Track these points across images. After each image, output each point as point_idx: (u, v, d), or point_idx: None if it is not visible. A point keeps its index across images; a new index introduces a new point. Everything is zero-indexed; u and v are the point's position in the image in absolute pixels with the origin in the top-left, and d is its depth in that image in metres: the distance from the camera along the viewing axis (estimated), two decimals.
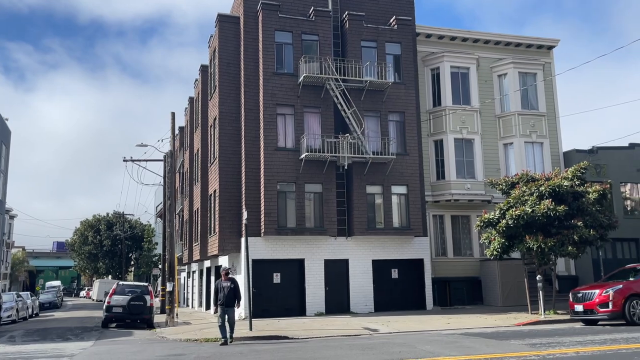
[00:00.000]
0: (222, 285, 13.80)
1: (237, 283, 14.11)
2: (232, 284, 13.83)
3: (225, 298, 13.60)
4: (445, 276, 24.72)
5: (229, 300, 13.66)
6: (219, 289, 13.86)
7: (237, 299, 13.88)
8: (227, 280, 13.95)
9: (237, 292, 13.89)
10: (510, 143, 26.62)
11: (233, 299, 13.75)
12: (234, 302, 13.77)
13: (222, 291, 13.72)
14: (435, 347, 11.53)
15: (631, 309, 14.98)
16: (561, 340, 12.08)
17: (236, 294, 13.83)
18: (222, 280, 13.98)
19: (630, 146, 28.72)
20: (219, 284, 14.00)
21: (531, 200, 18.70)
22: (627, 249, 27.83)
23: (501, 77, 27.22)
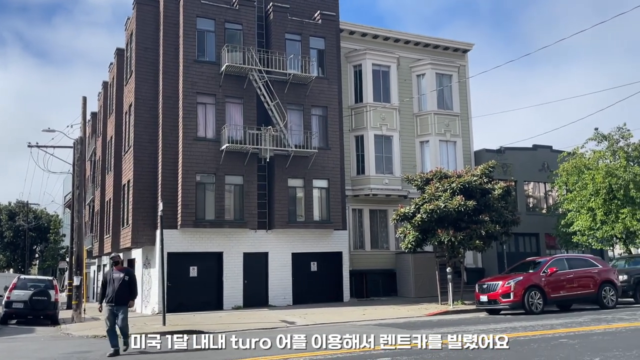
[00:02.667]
0: (113, 277, 10.87)
1: (132, 275, 11.22)
2: (126, 275, 10.93)
3: (115, 293, 10.73)
4: (363, 269, 25.32)
5: (121, 297, 10.79)
6: (107, 281, 10.97)
7: (132, 296, 11.16)
8: (120, 270, 11.04)
9: (133, 287, 11.11)
10: (427, 141, 27.67)
11: (126, 295, 10.91)
12: (127, 299, 10.96)
13: (111, 284, 10.82)
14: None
15: (530, 299, 16.12)
16: (467, 328, 12.76)
17: (131, 289, 11.04)
18: (113, 270, 11.07)
19: (533, 147, 30.82)
20: (108, 275, 11.09)
21: (444, 196, 19.57)
22: (528, 243, 29.91)
23: (419, 77, 28.20)
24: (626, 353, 8.62)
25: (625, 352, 8.67)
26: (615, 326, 12.18)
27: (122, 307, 10.83)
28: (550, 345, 9.84)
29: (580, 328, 12.02)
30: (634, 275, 19.30)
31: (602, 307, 16.91)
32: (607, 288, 17.22)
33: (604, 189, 23.27)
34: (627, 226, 22.68)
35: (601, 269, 17.65)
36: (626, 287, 18.75)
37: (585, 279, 17.10)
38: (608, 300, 17.11)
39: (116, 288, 10.74)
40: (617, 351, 8.83)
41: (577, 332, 11.43)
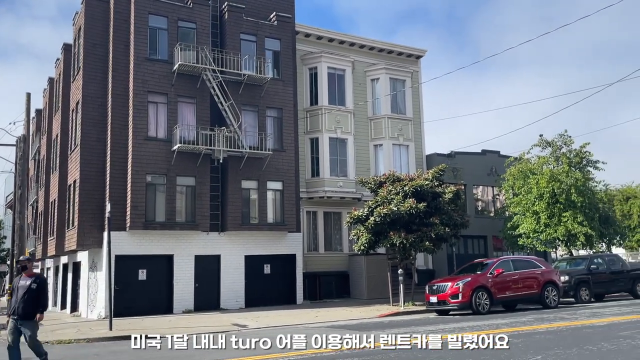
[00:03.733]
0: (18, 285, 8.79)
1: (43, 282, 8.98)
2: (33, 283, 8.72)
3: (19, 304, 8.59)
4: (316, 271, 25.37)
5: (26, 309, 8.59)
6: (13, 289, 9.09)
7: (41, 307, 8.78)
8: (28, 277, 8.85)
9: (42, 297, 8.82)
10: (380, 144, 28.04)
11: (34, 306, 8.66)
12: (33, 312, 8.66)
13: (15, 293, 8.76)
14: None
15: (477, 299, 16.59)
16: (416, 329, 12.97)
17: (39, 300, 8.75)
18: (21, 277, 8.97)
19: (482, 152, 31.78)
20: (15, 282, 8.99)
21: (397, 199, 19.87)
22: (476, 245, 30.78)
23: (374, 81, 28.56)
24: (566, 351, 8.98)
25: (565, 351, 9.03)
26: (557, 325, 12.68)
27: (28, 322, 8.61)
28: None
29: (524, 327, 12.44)
30: (574, 276, 20.21)
31: (545, 307, 17.58)
32: (549, 288, 17.93)
33: (547, 193, 24.25)
34: (569, 229, 23.71)
35: (544, 270, 18.36)
36: (567, 288, 19.61)
37: (530, 280, 17.74)
38: (550, 300, 17.82)
39: (19, 298, 8.61)
40: (558, 349, 9.19)
41: (521, 331, 11.82)
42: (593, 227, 23.94)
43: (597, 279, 20.55)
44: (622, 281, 21.20)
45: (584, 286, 20.12)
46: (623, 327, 11.70)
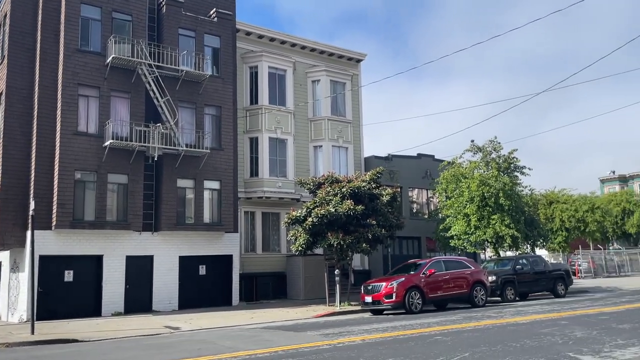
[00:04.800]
0: None
1: None
2: None
3: None
4: (254, 272, 25.14)
5: None
6: None
7: None
8: None
9: None
10: (320, 146, 28.20)
11: None
12: None
13: None
14: (236, 342, 11.59)
15: (410, 299, 17.02)
16: (351, 329, 13.13)
17: None
18: None
19: (418, 156, 32.67)
20: None
21: (335, 200, 20.05)
22: (411, 246, 31.59)
23: (315, 82, 28.70)
24: (492, 348, 9.36)
25: (491, 348, 9.41)
26: (484, 323, 13.21)
27: None
28: (427, 342, 10.41)
29: (454, 326, 12.88)
30: (501, 276, 21.18)
31: (473, 306, 18.30)
32: (478, 288, 18.69)
33: (478, 196, 25.25)
34: (497, 231, 24.79)
35: (473, 270, 19.11)
36: (494, 287, 20.52)
37: (460, 280, 18.41)
38: (479, 299, 18.58)
39: None
40: (484, 346, 9.56)
41: (451, 329, 12.22)
42: (519, 229, 25.16)
43: (522, 279, 21.64)
44: (545, 281, 22.44)
45: (510, 286, 21.13)
46: (544, 325, 12.35)
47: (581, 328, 11.46)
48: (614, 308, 16.02)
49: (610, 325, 11.74)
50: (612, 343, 9.44)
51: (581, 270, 39.30)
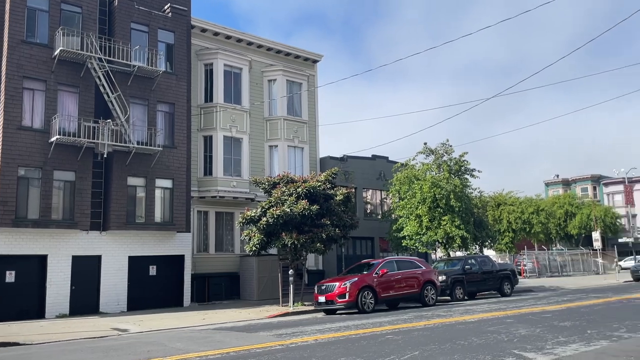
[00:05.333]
0: None
1: None
2: None
3: None
4: (206, 272, 24.77)
5: None
6: None
7: None
8: None
9: None
10: (276, 145, 28.09)
11: None
12: None
13: None
14: (187, 344, 11.38)
15: (363, 299, 17.19)
16: (304, 329, 13.14)
17: None
18: None
19: (372, 157, 33.07)
20: None
21: (290, 200, 20.02)
22: (364, 246, 31.94)
23: (271, 82, 28.57)
24: (441, 346, 9.58)
25: (440, 346, 9.63)
26: (434, 322, 13.51)
27: None
28: (378, 341, 10.54)
29: (405, 325, 13.10)
30: (451, 275, 21.72)
31: (424, 305, 18.68)
32: (428, 287, 19.09)
33: (429, 198, 25.81)
34: (447, 232, 25.42)
35: (424, 270, 19.51)
36: (444, 287, 21.02)
37: (411, 280, 18.75)
38: (429, 298, 18.98)
39: None
40: (434, 345, 9.78)
41: (402, 328, 12.43)
42: (468, 230, 25.88)
43: (471, 279, 22.26)
44: (492, 280, 23.17)
45: (459, 285, 21.69)
46: (491, 323, 12.74)
47: (525, 326, 11.89)
48: (556, 307, 16.72)
49: (552, 323, 12.24)
50: (554, 340, 9.84)
51: (526, 270, 40.80)
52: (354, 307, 17.21)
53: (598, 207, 57.89)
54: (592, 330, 10.98)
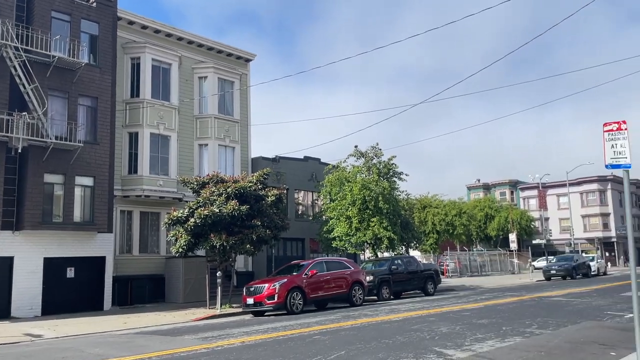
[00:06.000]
0: None
1: None
2: None
3: None
4: (129, 274, 23.78)
5: None
6: None
7: None
8: None
9: None
10: (206, 144, 27.51)
11: None
12: None
13: None
14: (106, 349, 10.87)
15: (292, 300, 17.18)
16: (231, 332, 12.94)
17: None
18: None
19: (305, 159, 33.19)
20: None
21: (219, 200, 19.65)
22: (295, 247, 31.98)
23: (202, 79, 27.96)
24: (366, 345, 9.74)
25: (365, 345, 9.80)
26: (361, 322, 13.73)
27: None
28: (306, 342, 10.56)
29: (332, 325, 13.22)
30: (378, 276, 22.18)
31: (352, 305, 18.95)
32: (356, 287, 19.39)
33: (359, 199, 26.26)
34: (376, 233, 25.97)
35: (353, 270, 19.80)
36: (372, 287, 21.42)
37: (340, 280, 18.97)
38: (357, 298, 19.28)
39: None
40: (360, 344, 9.93)
41: (329, 328, 12.54)
42: (395, 231, 26.57)
43: (397, 279, 22.85)
44: (417, 280, 23.90)
45: (386, 285, 22.20)
46: (414, 322, 13.13)
47: (446, 324, 12.35)
48: (475, 305, 17.51)
49: (471, 321, 12.79)
50: (473, 337, 10.29)
51: (449, 270, 42.51)
52: (282, 309, 17.16)
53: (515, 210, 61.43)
54: (507, 327, 11.58)
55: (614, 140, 6.31)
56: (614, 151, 6.31)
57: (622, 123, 6.28)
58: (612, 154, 6.33)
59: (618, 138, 6.27)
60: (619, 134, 6.27)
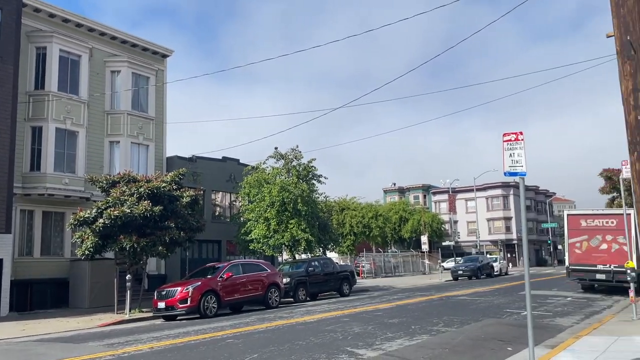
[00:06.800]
0: None
1: None
2: None
3: None
4: (29, 278, 22.14)
5: None
6: None
7: None
8: None
9: None
10: (117, 142, 26.27)
11: None
12: None
13: None
14: (1, 358, 10.06)
15: (205, 303, 16.81)
16: (140, 337, 12.43)
17: None
18: None
19: (223, 159, 32.65)
20: None
21: (131, 200, 18.83)
22: (211, 249, 31.34)
23: (114, 73, 26.68)
24: (280, 348, 9.75)
25: (279, 347, 9.80)
26: (276, 324, 13.71)
27: None
28: (218, 346, 10.38)
29: (247, 328, 13.10)
30: (295, 277, 22.28)
31: (268, 308, 18.89)
32: (273, 290, 19.36)
33: (278, 201, 26.25)
34: (294, 235, 26.06)
35: (269, 273, 19.75)
36: (288, 289, 21.47)
37: (256, 283, 18.84)
38: (273, 300, 19.25)
39: None
40: (273, 346, 9.91)
41: (243, 332, 12.41)
42: (313, 233, 26.82)
43: (313, 280, 23.08)
44: (333, 281, 24.27)
45: (302, 287, 22.34)
46: (329, 323, 13.33)
47: (359, 324, 12.65)
48: (388, 305, 18.08)
49: (383, 321, 13.19)
50: (383, 336, 10.61)
51: (364, 271, 43.57)
52: (195, 312, 16.75)
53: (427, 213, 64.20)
54: (415, 325, 12.07)
55: (512, 150, 6.78)
56: (512, 160, 6.78)
57: (520, 134, 6.76)
58: (510, 162, 6.79)
59: (516, 148, 6.74)
60: (517, 144, 6.74)
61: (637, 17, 5.55)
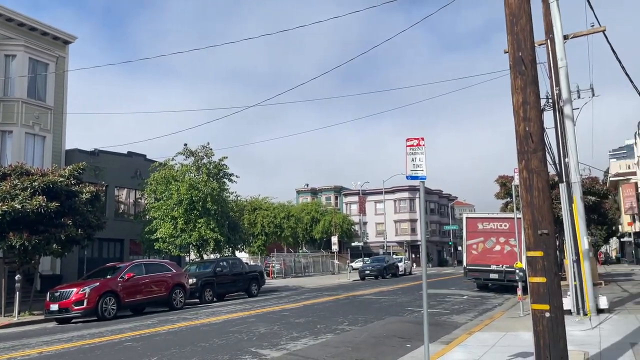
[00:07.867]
0: None
1: None
2: None
3: None
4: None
5: None
6: None
7: None
8: None
9: None
10: (10, 131, 24.23)
11: None
12: None
13: None
14: None
15: (103, 305, 15.95)
16: (28, 342, 11.53)
17: None
18: None
19: (128, 154, 31.18)
20: None
21: (23, 195, 17.42)
22: (113, 248, 29.80)
23: (9, 57, 24.60)
24: (181, 350, 9.45)
25: (180, 350, 9.50)
26: (179, 326, 13.29)
27: None
28: (115, 350, 9.88)
29: (148, 330, 12.58)
30: (202, 278, 21.76)
31: (172, 309, 18.28)
32: (177, 291, 18.78)
33: (186, 199, 25.51)
34: (202, 234, 25.46)
35: (174, 273, 19.13)
36: (194, 289, 20.93)
37: (160, 283, 18.19)
38: (177, 302, 18.67)
39: None
40: (175, 349, 9.59)
41: (144, 334, 11.90)
42: (223, 233, 26.35)
43: (221, 281, 22.66)
44: (241, 282, 23.98)
45: (209, 287, 21.87)
46: (234, 324, 13.13)
47: (265, 324, 12.59)
48: (295, 305, 18.16)
49: (289, 321, 13.23)
50: (289, 336, 10.64)
51: (274, 271, 43.53)
52: (92, 315, 15.84)
53: (338, 214, 65.44)
54: (321, 325, 12.22)
55: (414, 154, 7.06)
56: (414, 164, 7.06)
57: (421, 140, 7.06)
58: (412, 166, 7.07)
59: (417, 152, 7.03)
60: (418, 149, 7.03)
61: (529, 36, 6.02)
